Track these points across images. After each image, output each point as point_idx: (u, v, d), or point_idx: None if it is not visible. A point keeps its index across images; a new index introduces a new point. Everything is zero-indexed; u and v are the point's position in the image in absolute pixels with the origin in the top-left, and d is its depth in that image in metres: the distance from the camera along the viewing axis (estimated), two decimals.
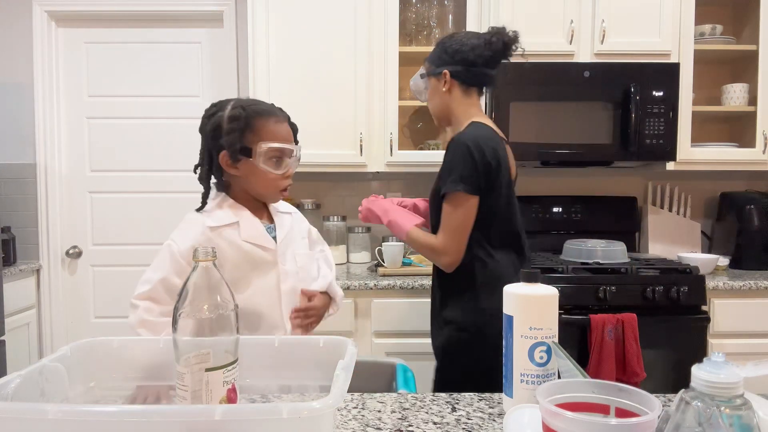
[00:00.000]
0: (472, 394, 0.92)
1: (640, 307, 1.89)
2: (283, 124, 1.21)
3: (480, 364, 1.32)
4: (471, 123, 1.41)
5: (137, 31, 2.62)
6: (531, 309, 0.79)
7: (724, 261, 2.25)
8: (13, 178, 2.58)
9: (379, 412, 0.84)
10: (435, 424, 0.80)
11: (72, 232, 2.66)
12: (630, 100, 2.12)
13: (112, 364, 0.79)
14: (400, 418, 0.81)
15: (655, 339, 1.90)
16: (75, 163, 2.65)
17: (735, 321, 2.00)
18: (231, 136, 1.14)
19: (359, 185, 2.62)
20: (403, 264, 2.20)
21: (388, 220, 1.47)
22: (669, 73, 2.15)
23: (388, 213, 1.48)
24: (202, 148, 1.20)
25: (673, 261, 2.12)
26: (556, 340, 0.80)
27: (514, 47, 1.42)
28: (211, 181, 1.24)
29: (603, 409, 0.61)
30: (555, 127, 2.16)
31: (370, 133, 2.26)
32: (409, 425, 0.79)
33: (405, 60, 2.29)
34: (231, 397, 0.69)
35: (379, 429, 0.78)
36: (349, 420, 0.81)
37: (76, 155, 2.64)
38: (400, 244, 2.18)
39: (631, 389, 0.59)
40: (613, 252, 2.06)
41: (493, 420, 0.81)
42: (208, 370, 0.67)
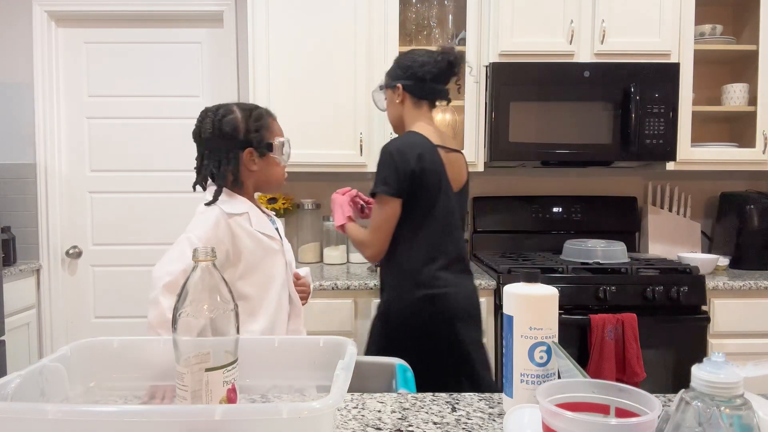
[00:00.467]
0: (472, 394, 0.92)
1: (640, 307, 1.89)
2: (277, 120, 1.36)
3: (390, 339, 1.52)
4: (407, 132, 1.55)
5: (137, 31, 2.62)
6: (531, 309, 0.79)
7: (724, 261, 2.25)
8: (13, 178, 2.58)
9: (379, 412, 0.84)
10: (435, 424, 0.80)
11: (72, 232, 2.66)
12: (630, 100, 2.12)
13: (112, 364, 0.80)
14: (400, 418, 0.81)
15: (655, 339, 1.90)
16: (75, 163, 2.65)
17: (735, 321, 2.00)
18: (259, 133, 1.27)
19: (359, 185, 2.62)
20: None
21: (335, 216, 1.69)
22: (669, 73, 2.15)
23: (339, 212, 1.68)
24: (210, 150, 1.27)
25: (673, 261, 2.12)
26: (556, 340, 0.80)
27: (458, 67, 1.59)
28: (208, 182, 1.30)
29: (603, 409, 0.61)
30: (555, 127, 2.16)
31: (370, 133, 2.26)
32: (409, 425, 0.79)
33: None
34: (231, 397, 0.69)
35: (379, 429, 0.78)
36: (349, 420, 0.81)
37: (76, 155, 2.65)
38: None
39: (631, 389, 0.59)
40: (613, 252, 2.06)
41: (493, 420, 0.81)
42: (208, 370, 0.67)
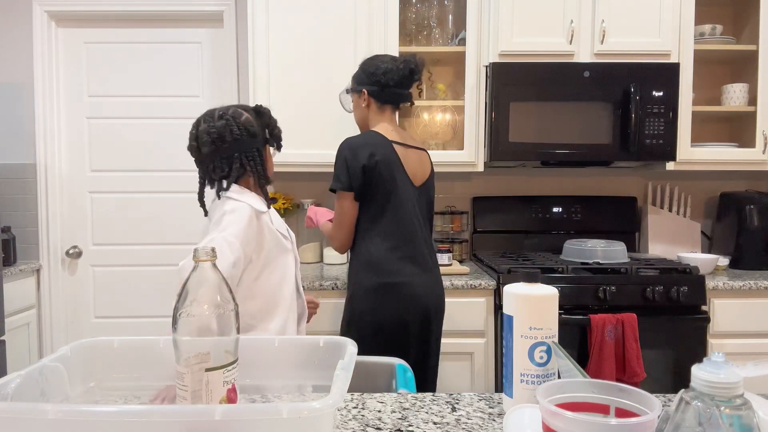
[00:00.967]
0: (471, 393, 0.92)
1: (640, 307, 1.89)
2: None
3: (351, 324, 1.62)
4: (365, 131, 1.65)
5: (137, 31, 2.62)
6: (531, 309, 0.79)
7: (724, 261, 2.25)
8: (13, 178, 2.58)
9: (379, 412, 0.84)
10: (435, 424, 0.80)
11: (72, 232, 2.66)
12: (630, 100, 2.12)
13: (112, 364, 0.80)
14: (400, 418, 0.81)
15: (655, 339, 1.90)
16: (75, 163, 2.65)
17: (735, 321, 2.00)
18: (278, 128, 1.39)
19: None
20: None
21: (316, 219, 1.83)
22: (669, 73, 2.15)
23: (313, 214, 1.85)
24: (242, 151, 1.31)
25: (673, 261, 2.12)
26: (556, 340, 0.80)
27: (419, 74, 1.68)
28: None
29: (603, 409, 0.61)
30: (555, 127, 2.16)
31: None
32: (409, 425, 0.79)
33: None
34: (231, 397, 0.69)
35: (379, 429, 0.78)
36: (349, 420, 0.81)
37: (76, 155, 2.65)
38: None
39: (631, 389, 0.59)
40: (613, 252, 2.06)
41: (493, 420, 0.81)
42: (208, 370, 0.67)
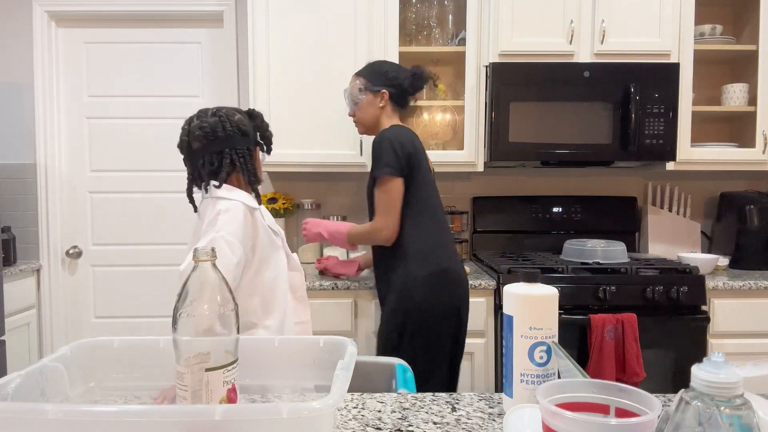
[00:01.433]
0: (471, 393, 0.92)
1: (640, 307, 1.89)
2: None
3: (410, 316, 1.61)
4: (392, 126, 1.70)
5: (137, 31, 2.62)
6: (531, 309, 0.79)
7: (724, 261, 2.25)
8: (13, 178, 2.58)
9: (379, 412, 0.84)
10: (435, 424, 0.80)
11: (72, 232, 2.66)
12: (630, 100, 2.12)
13: (112, 364, 0.80)
14: (400, 418, 0.81)
15: (655, 339, 1.90)
16: (75, 163, 2.65)
17: (735, 321, 2.00)
18: (269, 131, 1.39)
19: (359, 185, 2.62)
20: None
21: (328, 233, 1.79)
22: (669, 73, 2.15)
23: (326, 230, 1.80)
24: (231, 148, 1.32)
25: (673, 261, 2.12)
26: (556, 340, 0.80)
27: (426, 84, 1.82)
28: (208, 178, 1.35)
29: (603, 409, 0.61)
30: (555, 127, 2.16)
31: None
32: (409, 425, 0.79)
33: (405, 60, 2.28)
34: (231, 397, 0.69)
35: (379, 429, 0.78)
36: (349, 420, 0.81)
37: (76, 155, 2.65)
38: None
39: (631, 389, 0.59)
40: (613, 252, 2.06)
41: (493, 420, 0.81)
42: (208, 370, 0.67)
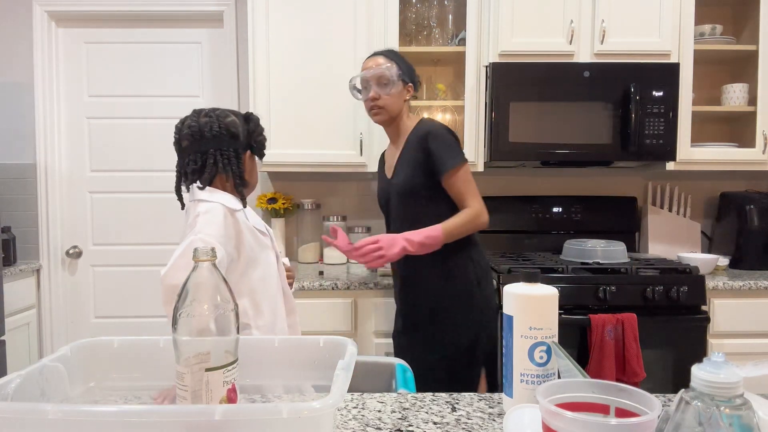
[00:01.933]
0: (471, 393, 0.92)
1: (640, 307, 1.89)
2: None
3: (490, 307, 1.64)
4: (422, 118, 1.69)
5: (137, 31, 2.62)
6: (531, 309, 0.79)
7: (724, 261, 2.25)
8: (13, 178, 2.58)
9: (379, 412, 0.84)
10: (435, 424, 0.80)
11: (72, 232, 2.66)
12: (630, 100, 2.12)
13: (112, 364, 0.80)
14: (400, 418, 0.81)
15: (655, 339, 1.90)
16: (75, 163, 2.65)
17: (735, 321, 2.00)
18: (262, 137, 1.35)
19: (359, 185, 2.62)
20: None
21: (416, 245, 1.52)
22: (669, 73, 2.15)
23: (409, 241, 1.52)
24: (217, 149, 1.29)
25: (673, 261, 2.12)
26: (556, 340, 0.80)
27: None
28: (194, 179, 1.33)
29: (603, 409, 0.61)
30: (555, 127, 2.16)
31: (370, 133, 2.26)
32: (409, 425, 0.79)
33: None
34: (231, 397, 0.69)
35: (379, 429, 0.78)
36: (349, 420, 0.81)
37: (76, 155, 2.65)
38: None
39: (631, 389, 0.59)
40: (613, 252, 2.06)
41: (493, 420, 0.81)
42: (208, 370, 0.67)
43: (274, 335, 1.27)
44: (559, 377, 0.78)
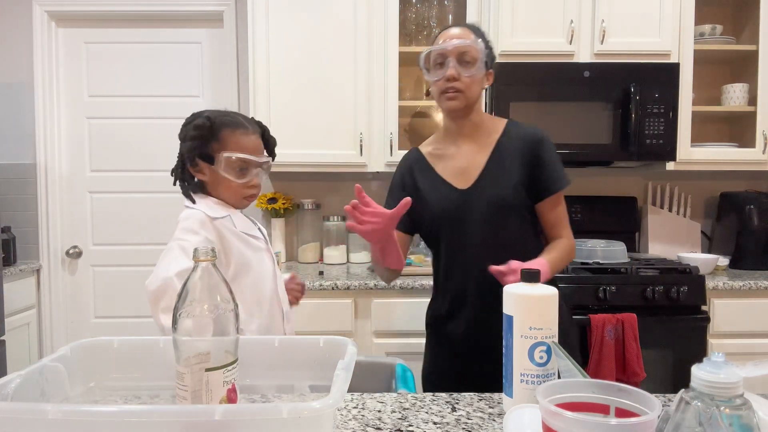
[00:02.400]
0: (472, 394, 0.92)
1: (640, 307, 1.89)
2: (251, 136, 1.25)
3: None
4: (510, 119, 1.42)
5: (137, 31, 2.62)
6: (531, 309, 0.79)
7: (724, 261, 2.25)
8: (13, 178, 2.58)
9: (379, 412, 0.84)
10: (435, 424, 0.80)
11: (72, 232, 2.66)
12: (630, 100, 2.12)
13: (112, 364, 0.80)
14: (400, 418, 0.81)
15: (655, 339, 1.90)
16: (75, 163, 2.65)
17: (735, 321, 2.00)
18: (192, 143, 1.23)
19: (359, 185, 2.62)
20: None
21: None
22: (669, 73, 2.15)
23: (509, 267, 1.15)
24: (179, 153, 1.28)
25: (673, 261, 2.12)
26: (556, 340, 0.80)
27: None
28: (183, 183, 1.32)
29: (603, 409, 0.61)
30: (555, 127, 2.16)
31: (370, 133, 2.26)
32: (409, 425, 0.79)
33: (405, 60, 2.29)
34: (231, 397, 0.69)
35: (379, 429, 0.78)
36: (349, 420, 0.81)
37: (76, 155, 2.65)
38: None
39: (631, 389, 0.59)
40: (613, 252, 2.06)
41: (493, 420, 0.81)
42: (208, 370, 0.67)
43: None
44: (559, 377, 0.78)
